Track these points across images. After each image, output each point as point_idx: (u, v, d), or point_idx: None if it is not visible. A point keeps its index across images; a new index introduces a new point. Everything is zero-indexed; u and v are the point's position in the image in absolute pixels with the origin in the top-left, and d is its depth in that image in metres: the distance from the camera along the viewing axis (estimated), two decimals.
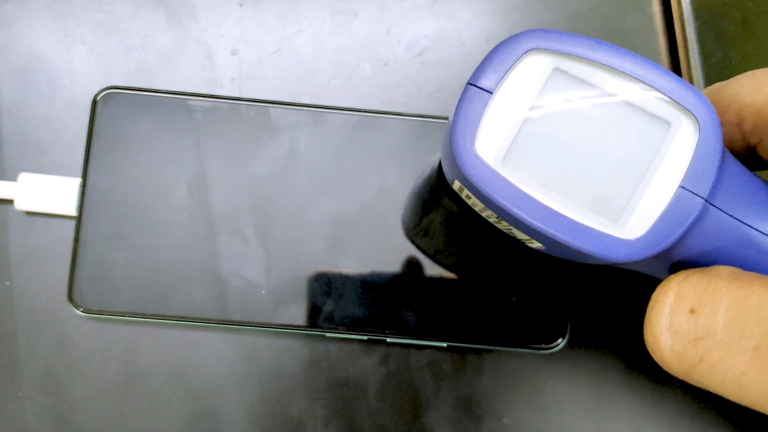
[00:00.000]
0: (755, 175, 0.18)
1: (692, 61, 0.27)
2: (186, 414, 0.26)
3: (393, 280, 0.25)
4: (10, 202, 0.26)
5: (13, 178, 0.26)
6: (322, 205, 0.26)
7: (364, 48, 0.27)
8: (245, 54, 0.27)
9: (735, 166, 0.18)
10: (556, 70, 0.17)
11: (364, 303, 0.25)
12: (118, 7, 0.27)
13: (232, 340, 0.26)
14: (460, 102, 0.17)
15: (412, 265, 0.25)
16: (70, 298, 0.25)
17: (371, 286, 0.25)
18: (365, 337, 0.25)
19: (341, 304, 0.25)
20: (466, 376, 0.26)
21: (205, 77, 0.27)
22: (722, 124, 0.18)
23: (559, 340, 0.25)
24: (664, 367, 0.17)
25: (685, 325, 0.16)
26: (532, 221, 0.17)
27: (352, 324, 0.25)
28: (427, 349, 0.26)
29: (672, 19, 0.28)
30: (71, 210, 0.25)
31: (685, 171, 0.17)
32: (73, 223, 0.26)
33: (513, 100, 0.17)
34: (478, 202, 0.18)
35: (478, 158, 0.17)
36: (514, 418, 0.26)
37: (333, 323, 0.25)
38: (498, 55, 0.17)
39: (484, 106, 0.17)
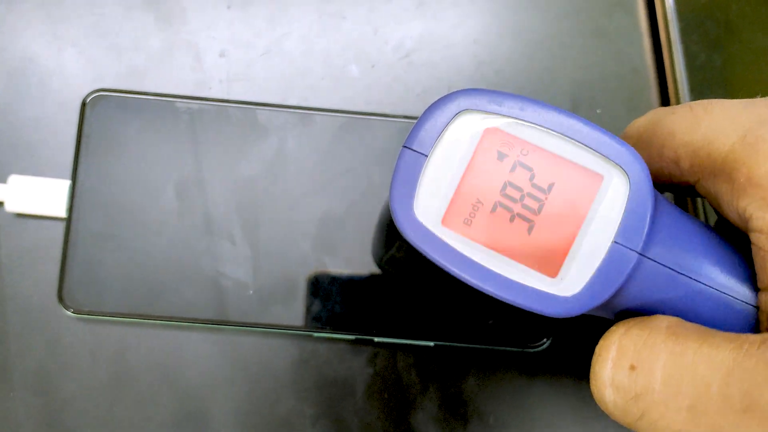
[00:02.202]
0: (690, 218, 0.18)
1: (676, 63, 0.27)
2: (175, 413, 0.26)
3: (380, 279, 0.25)
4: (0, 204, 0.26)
5: (3, 180, 0.26)
6: (309, 205, 0.26)
7: (352, 50, 0.28)
8: (234, 56, 0.27)
9: (669, 214, 0.18)
10: (488, 130, 0.17)
11: (351, 303, 0.25)
12: (109, 9, 0.27)
13: (220, 340, 0.26)
14: (397, 166, 0.18)
15: (398, 265, 0.26)
16: (60, 298, 0.25)
17: (358, 286, 0.26)
18: (353, 337, 0.25)
19: (329, 303, 0.25)
20: (453, 376, 0.26)
21: (195, 79, 0.27)
22: (661, 159, 0.18)
23: (545, 340, 0.26)
24: (612, 418, 0.17)
25: (626, 381, 0.16)
26: (471, 281, 0.17)
27: (339, 324, 0.25)
28: (414, 348, 0.26)
29: (657, 20, 0.28)
30: (61, 211, 0.26)
31: (617, 225, 0.17)
32: (62, 224, 0.26)
33: (448, 162, 0.17)
34: None
35: (416, 221, 0.17)
36: (500, 417, 0.26)
37: (320, 323, 0.25)
38: (430, 117, 0.17)
39: (420, 169, 0.17)
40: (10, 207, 0.26)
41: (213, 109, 0.26)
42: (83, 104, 0.26)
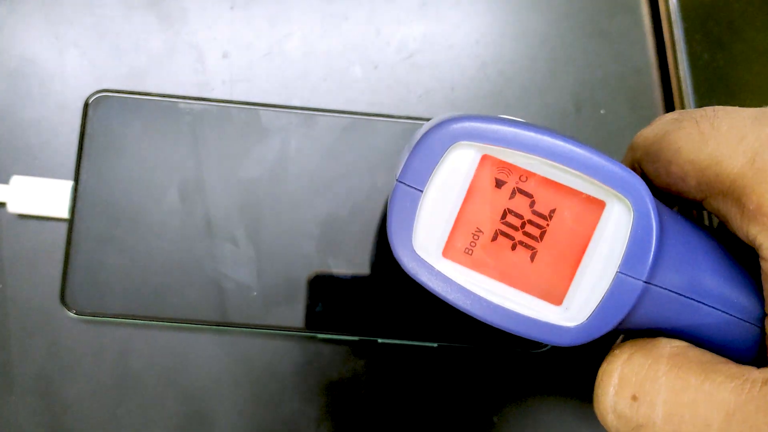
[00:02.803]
0: (697, 233, 0.18)
1: (680, 63, 0.27)
2: (178, 415, 0.26)
3: (383, 281, 0.25)
4: (2, 204, 0.26)
5: (5, 181, 0.26)
6: (312, 207, 0.26)
7: (354, 51, 0.28)
8: (236, 57, 0.27)
9: (675, 235, 0.17)
10: (484, 160, 0.17)
11: (354, 304, 0.25)
12: (110, 10, 0.27)
13: (224, 341, 0.26)
14: (391, 201, 0.17)
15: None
16: (63, 300, 0.25)
17: (361, 288, 0.25)
18: (356, 338, 0.25)
19: (332, 305, 0.25)
20: (456, 377, 0.26)
21: (197, 80, 0.27)
22: (668, 174, 0.18)
23: None
24: None
25: (627, 411, 0.16)
26: (475, 313, 0.17)
27: (342, 325, 0.25)
28: (417, 349, 0.26)
29: (660, 20, 0.28)
30: (63, 212, 0.25)
31: (622, 254, 0.16)
32: (65, 225, 0.26)
33: (445, 194, 0.17)
34: None
35: (416, 256, 0.17)
36: (504, 418, 0.26)
37: (324, 324, 0.25)
38: (423, 149, 0.17)
39: (416, 204, 0.17)
40: (13, 208, 0.25)
41: (215, 110, 0.26)
42: (86, 105, 0.26)
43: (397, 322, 0.25)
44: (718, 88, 0.27)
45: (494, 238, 0.17)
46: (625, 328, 0.18)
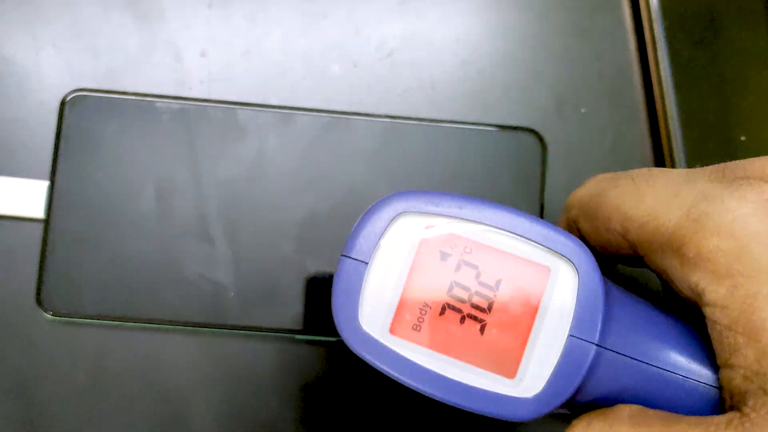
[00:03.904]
0: (642, 302, 0.18)
1: (661, 61, 0.27)
2: (155, 417, 0.25)
3: None
4: None
5: None
6: (291, 206, 0.26)
7: (334, 49, 0.27)
8: (214, 56, 0.27)
9: (621, 301, 0.17)
10: (428, 230, 0.17)
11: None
12: (87, 9, 0.27)
13: (201, 343, 0.26)
14: (337, 276, 0.17)
15: None
16: (39, 301, 0.25)
17: None
18: (334, 339, 0.25)
19: (310, 306, 0.25)
20: None
21: (174, 79, 0.27)
22: (608, 231, 0.18)
23: None
24: None
25: None
26: (426, 390, 0.17)
27: (321, 326, 0.25)
28: None
29: (641, 18, 0.28)
30: (39, 213, 0.25)
31: (571, 317, 0.17)
32: (41, 226, 0.25)
33: (390, 267, 0.17)
34: None
35: (362, 332, 0.17)
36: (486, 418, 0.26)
37: (302, 325, 0.25)
38: (367, 223, 0.17)
39: (361, 278, 0.17)
40: None
41: (193, 110, 0.26)
42: (62, 104, 0.26)
43: None
44: (699, 85, 0.27)
45: (442, 312, 0.17)
46: (581, 401, 0.17)
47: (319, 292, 0.25)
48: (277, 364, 0.26)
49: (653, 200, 0.17)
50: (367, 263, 0.17)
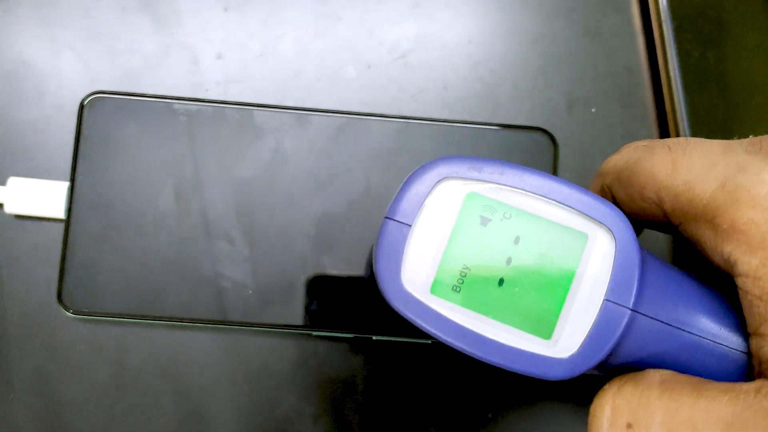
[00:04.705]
0: (676, 269, 0.19)
1: (670, 61, 0.27)
2: (175, 414, 0.26)
3: None
4: None
5: (2, 183, 0.26)
6: (307, 206, 0.26)
7: (348, 51, 0.28)
8: (230, 58, 0.27)
9: (655, 268, 0.18)
10: (469, 196, 0.17)
11: (349, 302, 0.26)
12: (105, 12, 0.27)
13: (220, 340, 0.26)
14: (380, 237, 0.18)
15: None
16: (60, 300, 0.25)
17: (356, 285, 0.26)
18: (351, 336, 0.26)
19: (327, 303, 0.26)
20: (451, 373, 0.26)
21: (191, 81, 0.27)
22: (642, 199, 0.18)
23: None
24: None
25: None
26: (465, 348, 0.17)
27: (338, 322, 0.26)
28: (412, 346, 0.26)
29: (650, 19, 0.28)
30: (60, 213, 0.26)
31: (607, 283, 0.17)
32: (61, 226, 0.26)
33: (432, 230, 0.17)
34: None
35: (405, 291, 0.17)
36: (498, 413, 0.26)
37: (319, 322, 0.26)
38: (411, 187, 0.18)
39: (404, 239, 0.17)
40: (10, 209, 0.26)
41: (210, 111, 0.26)
42: (81, 107, 0.26)
43: (392, 320, 0.26)
44: (708, 85, 0.27)
45: (481, 274, 0.17)
46: (613, 364, 0.18)
47: (335, 290, 0.26)
48: (294, 360, 0.26)
49: (689, 171, 0.17)
50: (410, 225, 0.17)
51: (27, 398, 0.26)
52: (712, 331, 0.17)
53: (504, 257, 0.17)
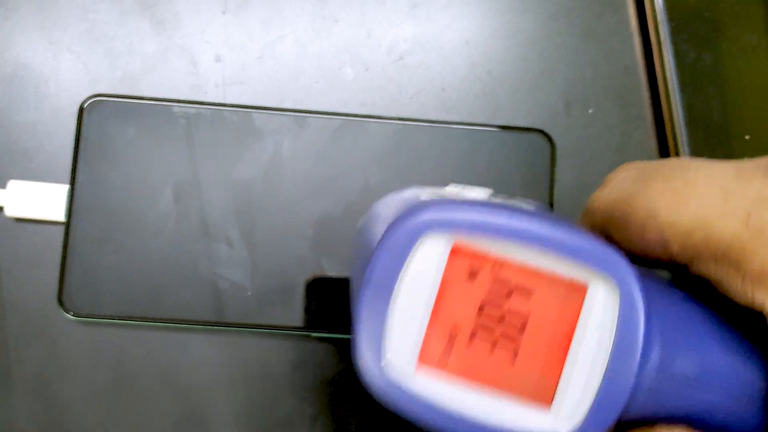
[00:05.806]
0: (689, 303, 0.17)
1: (666, 62, 0.27)
2: (174, 415, 0.26)
3: None
4: None
5: (2, 186, 0.26)
6: (306, 207, 0.26)
7: (346, 52, 0.28)
8: (229, 60, 0.28)
9: (665, 311, 0.16)
10: (455, 251, 0.15)
11: (348, 303, 0.26)
12: (104, 15, 0.28)
13: (219, 341, 0.26)
14: (357, 309, 0.15)
15: None
16: (60, 302, 0.25)
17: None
18: (348, 336, 0.26)
19: (326, 304, 0.26)
20: None
21: (190, 83, 0.27)
22: (643, 241, 0.16)
23: None
24: None
25: None
26: None
27: (336, 324, 0.26)
28: None
29: (646, 20, 0.28)
30: (60, 216, 0.26)
31: (611, 340, 0.15)
32: (61, 228, 0.26)
33: (415, 294, 0.15)
34: None
35: (386, 378, 0.15)
36: None
37: (318, 323, 0.26)
38: (391, 244, 0.15)
39: (386, 307, 0.15)
40: (10, 212, 0.26)
41: (209, 113, 0.26)
42: (81, 109, 0.26)
43: None
44: (704, 86, 0.27)
45: (473, 336, 0.15)
46: (621, 420, 0.16)
47: (334, 291, 0.26)
48: (293, 361, 0.26)
49: (698, 205, 0.15)
50: (390, 295, 0.15)
51: (27, 400, 0.26)
52: (731, 379, 0.16)
53: (497, 315, 0.16)
